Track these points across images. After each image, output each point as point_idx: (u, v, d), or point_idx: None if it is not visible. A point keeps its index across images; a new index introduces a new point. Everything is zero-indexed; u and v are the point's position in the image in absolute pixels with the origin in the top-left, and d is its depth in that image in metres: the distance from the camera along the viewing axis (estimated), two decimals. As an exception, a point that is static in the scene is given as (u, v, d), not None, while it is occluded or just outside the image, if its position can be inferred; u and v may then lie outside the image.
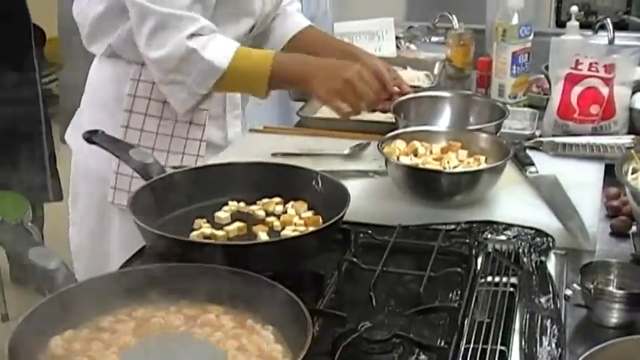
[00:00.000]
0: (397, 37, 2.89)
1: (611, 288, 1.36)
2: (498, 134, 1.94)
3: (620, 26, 3.35)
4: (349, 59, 1.91)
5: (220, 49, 1.83)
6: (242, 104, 2.16)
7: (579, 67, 2.07)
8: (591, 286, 1.33)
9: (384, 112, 2.00)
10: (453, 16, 2.77)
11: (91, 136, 1.67)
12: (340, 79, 1.80)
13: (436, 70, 2.56)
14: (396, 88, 1.96)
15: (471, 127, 1.93)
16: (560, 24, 3.65)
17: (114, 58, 2.02)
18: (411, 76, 2.48)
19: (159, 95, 1.96)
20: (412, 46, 2.94)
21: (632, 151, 1.61)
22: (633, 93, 2.12)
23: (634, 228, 1.62)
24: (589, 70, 2.06)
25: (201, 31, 1.82)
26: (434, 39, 3.04)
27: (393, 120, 1.99)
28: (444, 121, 2.07)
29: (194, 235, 1.48)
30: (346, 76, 1.80)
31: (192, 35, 1.80)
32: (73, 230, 2.17)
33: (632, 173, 1.58)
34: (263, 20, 2.07)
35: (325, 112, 2.19)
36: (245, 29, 2.02)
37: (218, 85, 1.86)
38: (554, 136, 2.07)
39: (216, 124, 2.07)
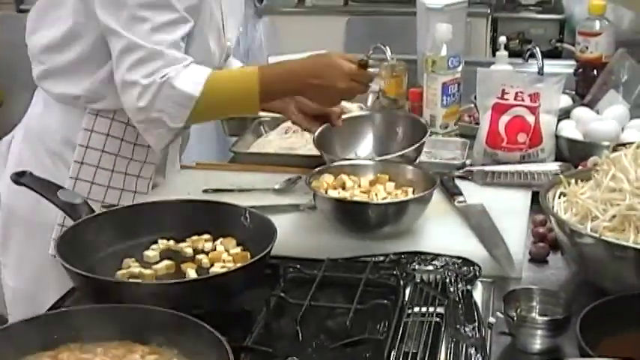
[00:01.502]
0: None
1: (533, 315, 1.39)
2: (431, 161, 2.05)
3: (554, 54, 3.43)
4: None
5: (191, 76, 1.79)
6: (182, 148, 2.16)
7: (505, 96, 2.11)
8: (514, 313, 1.36)
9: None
10: (387, 47, 2.78)
11: (18, 178, 1.66)
12: (335, 92, 1.87)
13: (369, 102, 2.58)
14: None
15: (396, 153, 1.95)
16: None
17: (64, 103, 1.93)
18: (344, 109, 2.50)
19: (112, 148, 1.93)
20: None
21: (562, 175, 1.64)
22: (559, 121, 2.16)
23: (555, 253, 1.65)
24: (515, 99, 2.10)
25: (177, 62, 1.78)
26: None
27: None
28: (366, 144, 2.11)
29: (121, 275, 1.48)
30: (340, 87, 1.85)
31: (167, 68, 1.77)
32: (5, 273, 2.08)
33: (560, 197, 1.61)
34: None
35: (257, 147, 2.21)
36: None
37: (198, 114, 1.81)
38: (483, 165, 2.10)
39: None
